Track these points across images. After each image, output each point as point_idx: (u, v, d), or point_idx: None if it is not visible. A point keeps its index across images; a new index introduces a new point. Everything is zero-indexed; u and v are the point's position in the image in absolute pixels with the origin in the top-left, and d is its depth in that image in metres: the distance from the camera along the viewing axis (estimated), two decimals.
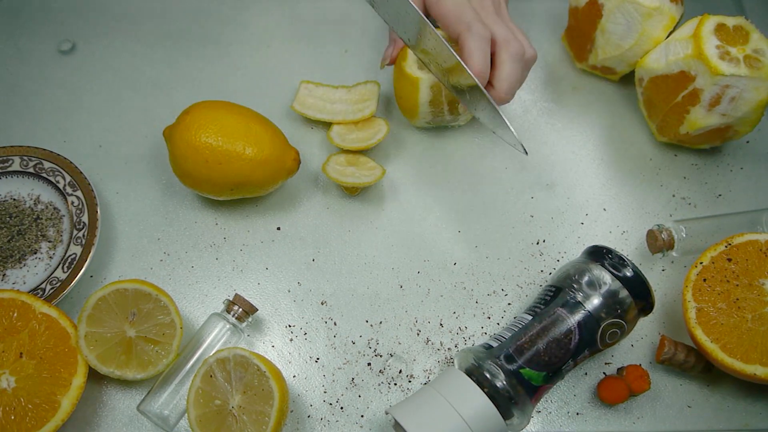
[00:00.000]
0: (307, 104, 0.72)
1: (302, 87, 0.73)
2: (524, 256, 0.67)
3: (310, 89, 0.73)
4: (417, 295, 0.65)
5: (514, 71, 0.64)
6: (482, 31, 0.63)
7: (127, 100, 0.75)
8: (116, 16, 0.80)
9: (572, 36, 0.76)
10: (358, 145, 0.68)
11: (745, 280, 0.60)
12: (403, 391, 0.61)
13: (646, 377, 0.59)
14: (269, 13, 0.80)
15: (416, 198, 0.70)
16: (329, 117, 0.71)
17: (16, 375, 0.57)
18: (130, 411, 0.60)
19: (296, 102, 0.72)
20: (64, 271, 0.63)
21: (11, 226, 0.66)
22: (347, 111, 0.71)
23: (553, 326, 0.57)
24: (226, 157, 0.62)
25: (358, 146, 0.68)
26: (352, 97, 0.72)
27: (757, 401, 0.61)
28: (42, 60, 0.77)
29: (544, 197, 0.70)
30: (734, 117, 0.65)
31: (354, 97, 0.72)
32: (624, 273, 0.58)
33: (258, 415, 0.55)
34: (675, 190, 0.71)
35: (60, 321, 0.59)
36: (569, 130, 0.74)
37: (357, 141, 0.69)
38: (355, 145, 0.68)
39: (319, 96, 0.73)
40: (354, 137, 0.69)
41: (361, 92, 0.72)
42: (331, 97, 0.73)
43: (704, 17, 0.65)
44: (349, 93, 0.73)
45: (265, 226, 0.68)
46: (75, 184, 0.67)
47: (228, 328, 0.60)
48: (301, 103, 0.72)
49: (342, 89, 0.73)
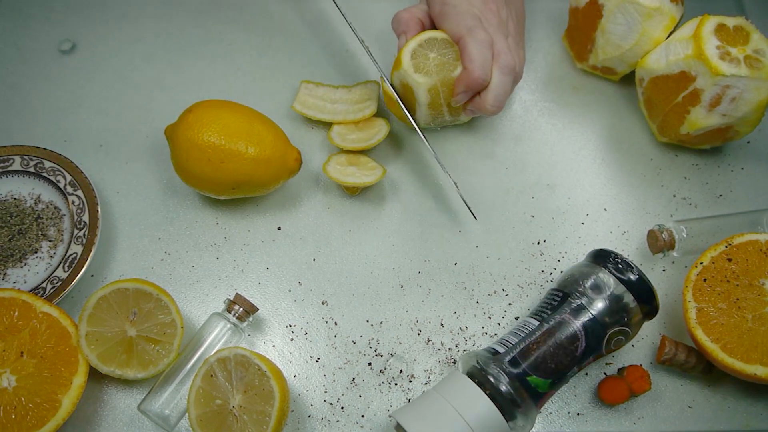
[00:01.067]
0: (308, 104, 0.72)
1: (302, 87, 0.73)
2: (525, 256, 0.67)
3: (310, 89, 0.73)
4: (418, 295, 0.65)
5: (502, 83, 0.64)
6: (483, 36, 0.63)
7: (128, 100, 0.75)
8: (116, 16, 0.80)
9: (572, 36, 0.76)
10: (359, 145, 0.68)
11: (746, 280, 0.60)
12: (404, 391, 0.61)
13: (646, 378, 0.59)
14: (270, 12, 0.80)
15: (416, 198, 0.70)
16: (330, 117, 0.71)
17: (17, 374, 0.57)
18: (131, 410, 0.60)
19: (297, 102, 0.72)
20: (65, 270, 0.63)
21: (12, 225, 0.66)
22: (348, 111, 0.71)
23: (560, 332, 0.56)
24: (228, 156, 0.62)
25: (359, 146, 0.68)
26: (352, 97, 0.72)
27: (757, 401, 0.61)
28: (42, 60, 0.77)
29: (545, 197, 0.70)
30: (735, 117, 0.65)
31: (354, 97, 0.72)
32: (629, 277, 0.57)
33: (259, 415, 0.55)
34: (676, 191, 0.71)
35: (61, 320, 0.59)
36: (570, 130, 0.74)
37: (357, 141, 0.69)
38: (355, 146, 0.68)
39: (320, 96, 0.73)
40: (354, 137, 0.69)
41: (362, 92, 0.72)
42: (332, 97, 0.73)
43: (704, 17, 0.65)
44: (349, 93, 0.73)
45: (265, 225, 0.68)
46: (75, 183, 0.67)
47: (229, 328, 0.60)
48: (301, 103, 0.72)
49: (342, 89, 0.73)
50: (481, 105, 0.65)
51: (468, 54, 0.63)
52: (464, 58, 0.63)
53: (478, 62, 0.62)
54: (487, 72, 0.63)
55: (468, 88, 0.64)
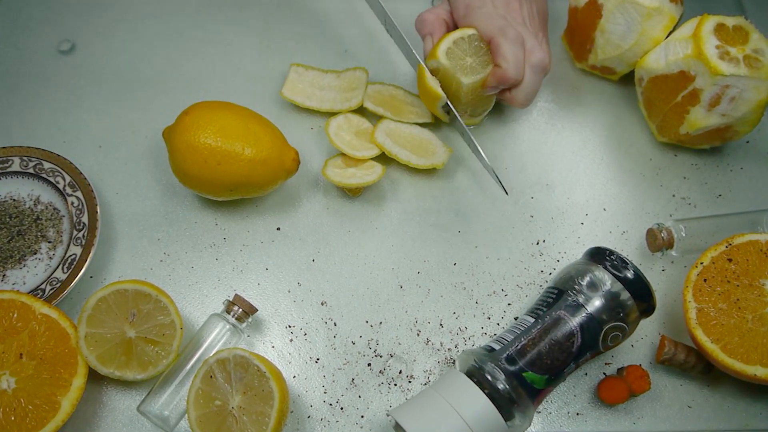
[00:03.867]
0: (296, 90, 0.72)
1: (292, 70, 0.73)
2: (524, 257, 0.67)
3: (300, 72, 0.73)
4: (417, 296, 0.65)
5: (533, 81, 0.66)
6: (515, 35, 0.65)
7: (127, 100, 0.75)
8: (116, 16, 0.80)
9: (572, 36, 0.76)
10: (352, 181, 0.66)
11: (746, 280, 0.60)
12: (403, 391, 0.61)
13: (646, 377, 0.59)
14: (269, 13, 0.80)
15: (416, 198, 0.70)
16: (317, 105, 0.71)
17: (16, 376, 0.57)
18: (131, 412, 0.60)
19: (285, 88, 0.72)
20: (64, 271, 0.63)
21: (11, 226, 0.66)
22: (335, 99, 0.72)
23: (556, 329, 0.57)
24: (225, 158, 0.62)
25: (352, 183, 0.66)
26: (341, 84, 0.72)
27: (757, 401, 0.61)
28: (42, 60, 0.77)
29: (544, 197, 0.70)
30: (734, 117, 0.65)
31: (343, 84, 0.72)
32: (625, 274, 0.58)
33: (258, 416, 0.55)
34: (675, 190, 0.71)
35: (60, 322, 0.59)
36: (569, 130, 0.74)
37: (351, 177, 0.67)
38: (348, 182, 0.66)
39: (309, 81, 0.73)
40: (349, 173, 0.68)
41: (350, 79, 0.72)
42: (320, 82, 0.73)
43: (704, 17, 0.65)
44: (338, 78, 0.73)
45: (264, 226, 0.68)
46: (75, 184, 0.67)
47: (228, 329, 0.60)
48: (290, 89, 0.72)
49: (331, 74, 0.73)
50: (511, 100, 0.68)
51: (502, 54, 0.64)
52: (497, 57, 0.65)
53: (512, 61, 0.64)
54: (521, 71, 0.65)
55: (500, 84, 0.66)
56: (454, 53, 0.66)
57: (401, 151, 0.68)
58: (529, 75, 0.66)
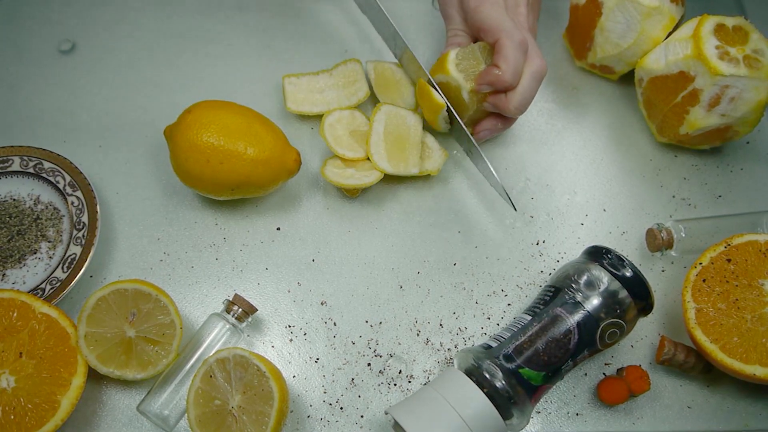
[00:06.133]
0: (299, 100, 0.72)
1: (286, 83, 0.73)
2: (524, 257, 0.67)
3: (294, 83, 0.72)
4: (417, 296, 0.65)
5: (531, 88, 0.65)
6: (521, 39, 0.64)
7: (127, 100, 0.75)
8: (116, 16, 0.80)
9: (572, 34, 0.76)
10: (351, 182, 0.67)
11: (745, 280, 0.60)
12: (403, 391, 0.61)
13: (646, 378, 0.59)
14: (269, 13, 0.80)
15: (416, 198, 0.70)
16: (324, 108, 0.71)
17: (15, 375, 0.57)
18: (130, 411, 0.60)
19: (289, 101, 0.72)
20: (64, 271, 0.63)
21: (11, 226, 0.66)
22: (341, 97, 0.71)
23: (552, 326, 0.57)
24: (227, 157, 0.62)
25: (351, 184, 0.66)
26: (338, 81, 0.72)
27: (756, 402, 0.61)
28: (42, 60, 0.77)
29: (544, 197, 0.70)
30: (734, 117, 0.65)
31: (340, 80, 0.72)
32: (623, 273, 0.58)
33: (258, 416, 0.55)
34: (675, 191, 0.71)
35: (60, 321, 0.59)
36: (569, 131, 0.74)
37: (350, 177, 0.67)
38: (347, 182, 0.66)
39: (305, 87, 0.72)
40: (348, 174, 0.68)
41: (345, 73, 0.72)
42: (316, 85, 0.72)
43: (704, 17, 0.65)
44: (331, 77, 0.73)
45: (265, 226, 0.68)
46: (75, 184, 0.67)
47: (228, 328, 0.61)
48: (292, 101, 0.72)
49: (323, 74, 0.73)
50: (505, 105, 0.65)
51: (504, 55, 0.63)
52: (499, 58, 0.64)
53: (512, 65, 0.63)
54: (517, 77, 0.64)
55: (493, 86, 0.64)
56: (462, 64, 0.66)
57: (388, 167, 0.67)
58: (528, 81, 0.65)
